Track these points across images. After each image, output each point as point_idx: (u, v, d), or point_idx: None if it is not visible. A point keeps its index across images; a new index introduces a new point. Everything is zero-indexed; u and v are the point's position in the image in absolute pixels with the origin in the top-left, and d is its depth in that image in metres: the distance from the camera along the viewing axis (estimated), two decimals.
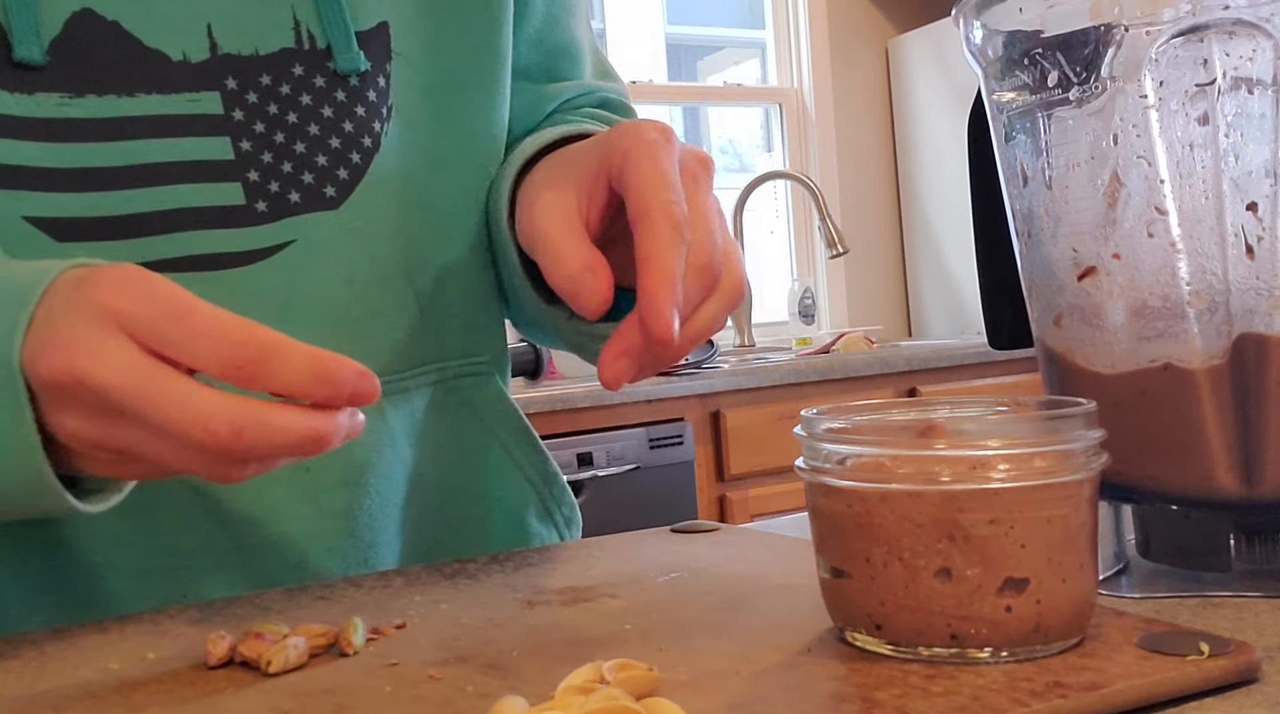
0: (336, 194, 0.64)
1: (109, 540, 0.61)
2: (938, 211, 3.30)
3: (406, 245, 0.68)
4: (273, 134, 0.62)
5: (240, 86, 0.61)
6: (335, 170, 0.64)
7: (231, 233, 0.61)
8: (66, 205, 0.58)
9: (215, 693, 0.43)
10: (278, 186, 0.63)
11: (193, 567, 0.62)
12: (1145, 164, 0.49)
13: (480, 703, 0.39)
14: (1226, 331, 0.49)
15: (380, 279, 0.67)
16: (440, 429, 0.71)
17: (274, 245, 0.63)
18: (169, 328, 0.43)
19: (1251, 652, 0.39)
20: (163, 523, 0.61)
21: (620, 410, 2.28)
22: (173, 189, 0.60)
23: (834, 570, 0.43)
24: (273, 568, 0.64)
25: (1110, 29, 0.49)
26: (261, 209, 0.62)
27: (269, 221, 0.62)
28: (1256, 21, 0.47)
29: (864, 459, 0.42)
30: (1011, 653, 0.40)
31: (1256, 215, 0.48)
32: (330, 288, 0.64)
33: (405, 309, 0.68)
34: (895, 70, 3.41)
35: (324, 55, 0.64)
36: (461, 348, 0.72)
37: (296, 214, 0.63)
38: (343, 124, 0.64)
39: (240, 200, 0.62)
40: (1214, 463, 0.49)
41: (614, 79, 0.82)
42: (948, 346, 2.77)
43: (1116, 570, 0.53)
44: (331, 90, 0.64)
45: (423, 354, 0.70)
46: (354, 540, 0.66)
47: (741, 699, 0.38)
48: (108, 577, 0.61)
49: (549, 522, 0.76)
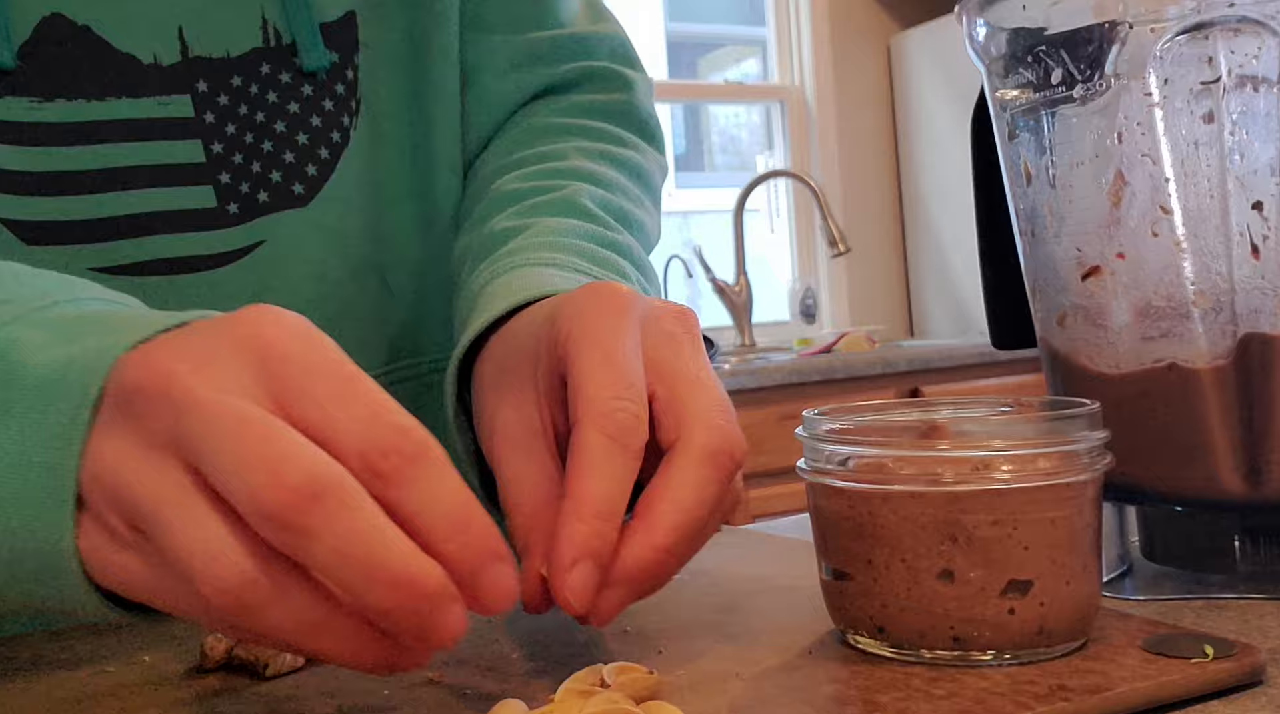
0: (305, 191, 0.64)
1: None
2: (940, 210, 3.29)
3: (379, 240, 0.67)
4: (243, 135, 0.62)
5: (211, 89, 0.61)
6: (304, 167, 0.64)
7: (203, 236, 0.61)
8: (37, 208, 0.58)
9: (212, 695, 0.43)
10: (248, 187, 0.62)
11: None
12: (1150, 162, 0.49)
13: (479, 705, 0.39)
14: (1231, 331, 0.49)
15: (352, 276, 0.67)
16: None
17: (245, 246, 0.62)
18: (318, 381, 0.34)
19: (1256, 654, 0.39)
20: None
21: None
22: (144, 193, 0.60)
23: (835, 572, 0.43)
24: None
25: (1115, 26, 0.49)
26: (233, 211, 0.62)
27: (240, 223, 0.62)
28: (1262, 19, 0.47)
29: (866, 460, 0.41)
30: (1015, 655, 0.40)
31: (1262, 214, 0.48)
32: (301, 287, 0.64)
33: (379, 305, 0.68)
34: (897, 68, 3.41)
35: (289, 50, 0.63)
36: (440, 342, 0.71)
37: (266, 214, 0.63)
38: (309, 119, 0.64)
39: (212, 203, 0.61)
40: (1219, 464, 0.49)
41: (607, 21, 0.77)
42: (950, 346, 2.77)
43: (1120, 572, 0.53)
44: (297, 86, 0.63)
45: (399, 350, 0.70)
46: None
47: (742, 702, 0.37)
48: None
49: None
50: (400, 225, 0.69)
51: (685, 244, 3.34)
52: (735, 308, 3.03)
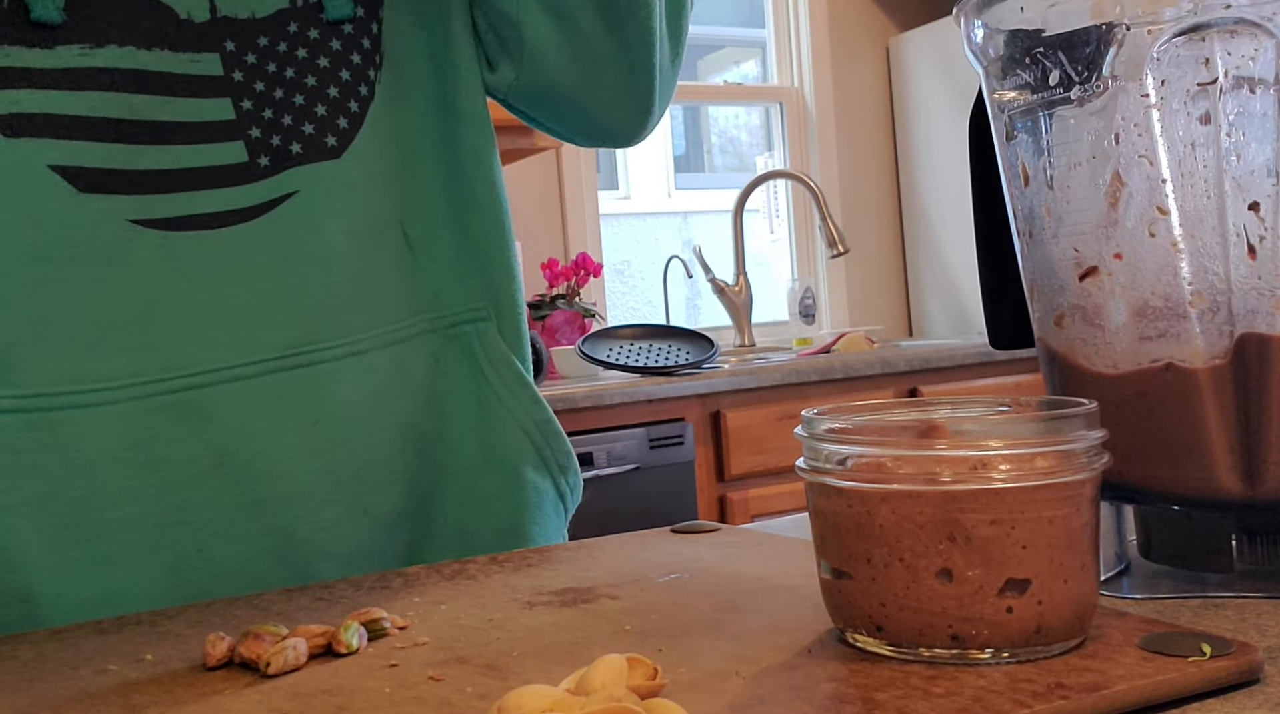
0: (338, 143, 0.66)
1: (123, 495, 0.61)
2: (939, 211, 3.30)
3: (402, 195, 0.69)
4: (272, 91, 0.64)
5: (239, 48, 0.63)
6: (335, 119, 0.66)
7: (233, 191, 0.63)
8: (88, 155, 0.60)
9: (214, 694, 0.43)
10: (279, 140, 0.64)
11: (207, 521, 0.63)
12: (1147, 163, 0.49)
13: (480, 704, 0.39)
14: (1228, 332, 0.49)
15: (378, 229, 0.68)
16: (436, 378, 0.71)
17: (275, 198, 0.64)
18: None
19: (1253, 652, 0.39)
20: (175, 476, 0.62)
21: (620, 411, 2.28)
22: (174, 149, 0.61)
23: (835, 571, 0.43)
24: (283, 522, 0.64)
25: (1112, 28, 0.49)
26: (264, 164, 0.64)
27: (271, 175, 0.64)
28: (1259, 20, 0.47)
29: (865, 459, 0.41)
30: (1013, 654, 0.40)
31: (1258, 215, 0.48)
32: (331, 240, 0.66)
33: (401, 258, 0.69)
34: (896, 69, 3.41)
35: (316, 8, 0.65)
36: (459, 295, 0.72)
37: (300, 165, 0.64)
38: (339, 73, 0.65)
39: (243, 158, 0.63)
40: (1216, 463, 0.49)
41: None
42: (949, 346, 2.77)
43: (1118, 571, 0.53)
44: (326, 40, 0.65)
45: (419, 303, 0.71)
46: (356, 491, 0.67)
47: (742, 700, 0.38)
48: (123, 533, 0.61)
49: (544, 471, 0.75)
50: (423, 178, 0.70)
51: (685, 244, 3.34)
52: (735, 308, 3.04)
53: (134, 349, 0.61)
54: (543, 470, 0.75)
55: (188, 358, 0.62)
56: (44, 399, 0.60)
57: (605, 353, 2.46)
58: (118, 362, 0.61)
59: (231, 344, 0.63)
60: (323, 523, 0.65)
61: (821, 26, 3.35)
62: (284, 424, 0.64)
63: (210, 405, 0.63)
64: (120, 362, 0.61)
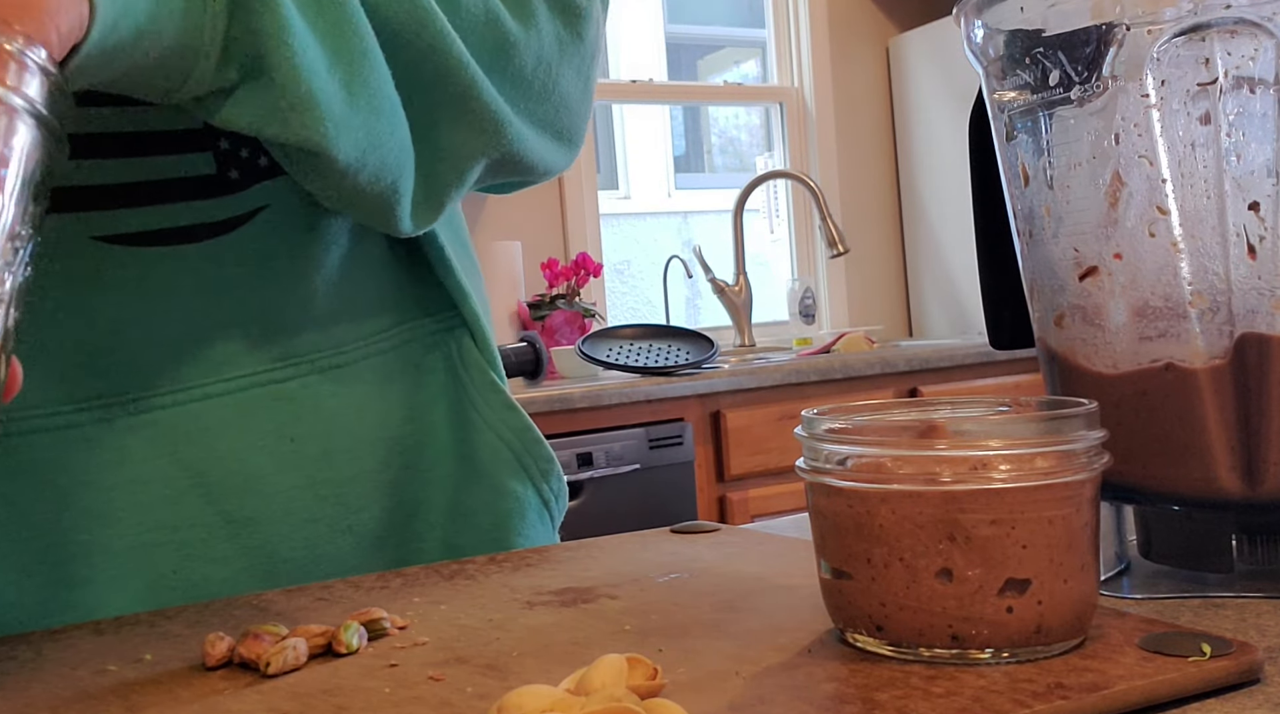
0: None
1: (99, 517, 0.60)
2: (938, 211, 3.30)
3: None
4: None
5: None
6: None
7: (205, 204, 0.61)
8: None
9: (214, 694, 0.43)
10: (248, 152, 0.62)
11: (183, 542, 0.62)
12: (1147, 163, 0.49)
13: (479, 704, 0.39)
14: (1228, 332, 0.49)
15: (355, 238, 0.67)
16: (418, 389, 0.71)
17: (248, 212, 0.62)
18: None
19: (1253, 652, 0.39)
20: (147, 497, 0.61)
21: (620, 411, 2.28)
22: (142, 161, 0.60)
23: (835, 571, 0.43)
24: (262, 541, 0.63)
25: (1112, 28, 0.49)
26: (234, 177, 0.62)
27: (242, 189, 0.62)
28: (1259, 20, 0.47)
29: (865, 459, 0.41)
30: (1013, 654, 0.40)
31: (1258, 215, 0.48)
32: (307, 252, 0.65)
33: (379, 268, 0.69)
34: (896, 69, 3.41)
35: None
36: (439, 302, 0.72)
37: (269, 178, 0.63)
38: None
39: (212, 169, 0.61)
40: (1216, 463, 0.49)
41: None
42: (949, 346, 2.77)
43: (1118, 571, 0.53)
44: None
45: (401, 313, 0.70)
46: (339, 507, 0.66)
47: (742, 700, 0.38)
48: (99, 555, 0.60)
49: (525, 479, 0.73)
50: None
51: (685, 244, 3.34)
52: (735, 308, 3.04)
53: (103, 370, 0.60)
54: (523, 478, 0.73)
55: (161, 377, 0.61)
56: (12, 423, 0.58)
57: (605, 353, 2.46)
58: (86, 383, 0.60)
59: (205, 362, 0.62)
60: (304, 541, 0.64)
61: (821, 26, 3.35)
62: (261, 441, 0.63)
63: (183, 424, 0.62)
64: (89, 383, 0.60)
